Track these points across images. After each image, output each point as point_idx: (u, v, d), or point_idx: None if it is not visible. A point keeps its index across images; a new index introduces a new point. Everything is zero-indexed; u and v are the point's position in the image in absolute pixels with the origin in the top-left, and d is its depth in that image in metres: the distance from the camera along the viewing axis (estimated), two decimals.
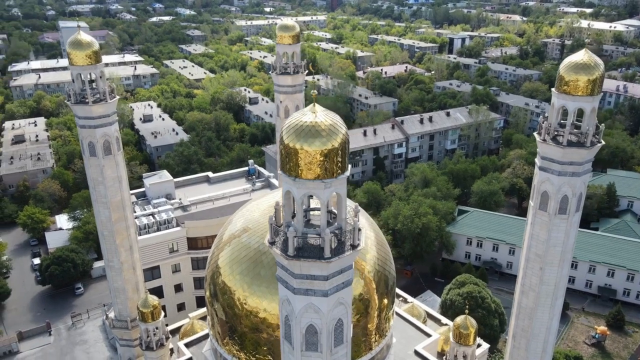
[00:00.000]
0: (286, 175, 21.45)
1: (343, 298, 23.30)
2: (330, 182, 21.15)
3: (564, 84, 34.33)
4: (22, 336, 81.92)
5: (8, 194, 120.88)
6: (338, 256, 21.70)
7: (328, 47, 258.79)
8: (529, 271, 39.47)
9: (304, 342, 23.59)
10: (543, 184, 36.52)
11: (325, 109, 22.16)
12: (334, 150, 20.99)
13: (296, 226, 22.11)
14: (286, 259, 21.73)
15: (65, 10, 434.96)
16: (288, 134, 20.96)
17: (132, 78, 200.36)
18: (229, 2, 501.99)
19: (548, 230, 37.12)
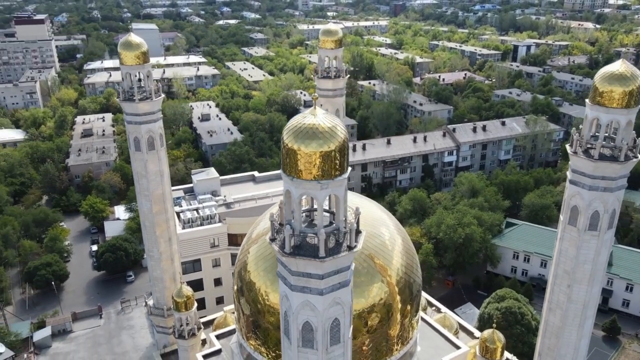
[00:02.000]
0: (285, 174, 22.24)
1: (340, 298, 23.74)
2: (326, 183, 21.71)
3: (597, 95, 33.04)
4: (76, 317, 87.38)
5: (74, 184, 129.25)
6: (333, 256, 22.20)
7: (387, 52, 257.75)
8: (556, 288, 38.11)
9: (300, 339, 24.25)
10: (573, 198, 35.23)
11: (327, 112, 22.73)
12: (332, 152, 21.54)
13: (294, 225, 22.82)
14: (283, 256, 22.50)
15: (140, 13, 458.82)
16: (288, 135, 21.74)
17: (195, 78, 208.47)
18: (294, 6, 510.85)
19: (577, 246, 35.73)
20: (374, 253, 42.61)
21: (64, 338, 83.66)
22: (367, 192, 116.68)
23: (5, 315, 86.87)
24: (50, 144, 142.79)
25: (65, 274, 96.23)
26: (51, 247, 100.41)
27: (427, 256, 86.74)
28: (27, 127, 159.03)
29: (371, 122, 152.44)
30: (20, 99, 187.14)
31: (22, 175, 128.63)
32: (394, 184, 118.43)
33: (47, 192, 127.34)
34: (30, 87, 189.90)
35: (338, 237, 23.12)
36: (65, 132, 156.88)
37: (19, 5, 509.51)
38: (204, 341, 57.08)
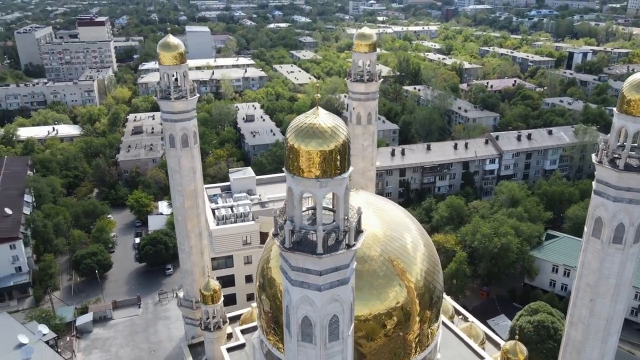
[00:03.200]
0: (287, 172, 23.00)
1: (339, 295, 24.23)
2: (325, 182, 22.30)
3: (625, 103, 32.05)
4: (116, 305, 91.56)
5: (123, 179, 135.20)
6: (330, 253, 22.75)
7: (435, 57, 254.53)
8: (578, 302, 36.99)
9: (300, 333, 24.91)
10: (597, 209, 34.19)
11: (329, 112, 23.31)
12: (332, 151, 22.12)
13: (295, 221, 23.53)
14: (283, 251, 23.26)
15: (195, 16, 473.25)
16: (290, 133, 22.50)
17: (242, 80, 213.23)
18: (344, 11, 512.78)
19: (600, 259, 34.61)
20: (394, 256, 42.71)
21: (104, 324, 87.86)
22: (404, 198, 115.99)
23: (53, 299, 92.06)
24: (103, 140, 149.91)
25: (109, 263, 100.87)
26: (98, 237, 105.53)
27: (460, 264, 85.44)
28: (84, 123, 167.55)
29: (413, 128, 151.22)
30: (79, 96, 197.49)
31: (76, 168, 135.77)
32: (432, 190, 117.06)
33: (97, 186, 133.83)
34: (89, 86, 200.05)
35: (338, 235, 23.64)
36: (117, 129, 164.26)
37: (84, 8, 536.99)
38: (230, 335, 58.67)
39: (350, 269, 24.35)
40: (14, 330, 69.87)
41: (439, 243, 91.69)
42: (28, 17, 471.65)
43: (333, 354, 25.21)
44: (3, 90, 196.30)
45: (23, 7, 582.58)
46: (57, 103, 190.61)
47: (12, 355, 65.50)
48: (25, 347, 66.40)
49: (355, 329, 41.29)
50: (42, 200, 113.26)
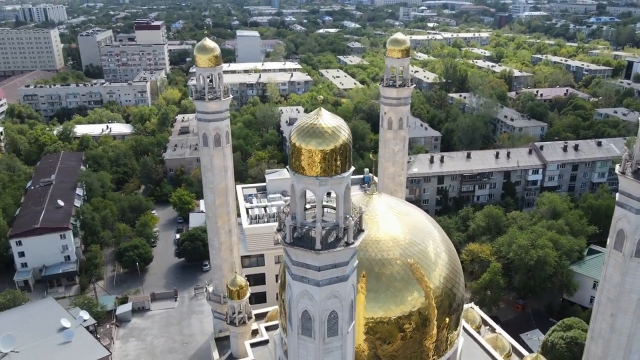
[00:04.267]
0: (290, 169, 23.93)
1: (338, 292, 24.88)
2: (325, 180, 23.07)
3: None
4: (154, 297, 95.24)
5: (168, 177, 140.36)
6: (327, 249, 23.47)
7: (484, 65, 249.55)
8: (599, 316, 35.96)
9: (300, 326, 25.72)
10: (619, 222, 33.25)
11: (333, 114, 24.07)
12: (332, 151, 22.87)
13: (297, 217, 24.41)
14: (284, 245, 24.19)
15: (247, 21, 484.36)
16: (293, 133, 23.43)
17: (288, 84, 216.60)
18: (394, 17, 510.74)
19: (622, 273, 33.58)
20: (414, 261, 42.81)
21: (142, 315, 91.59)
22: (442, 205, 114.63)
23: (96, 288, 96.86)
24: (152, 139, 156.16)
25: (150, 257, 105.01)
26: (141, 231, 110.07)
27: (494, 275, 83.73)
28: (135, 122, 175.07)
29: (456, 135, 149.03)
30: (132, 96, 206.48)
31: (125, 165, 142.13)
32: (471, 199, 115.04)
33: (144, 182, 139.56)
34: (142, 87, 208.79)
35: (338, 233, 24.33)
36: (166, 129, 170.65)
37: (144, 13, 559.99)
38: (255, 331, 60.17)
39: (350, 266, 24.95)
40: (58, 315, 74.06)
41: (474, 252, 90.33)
42: (92, 21, 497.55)
43: (332, 349, 25.85)
44: (64, 89, 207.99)
45: (88, 12, 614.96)
46: (112, 103, 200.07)
47: (55, 337, 69.53)
48: (66, 330, 70.30)
49: (372, 331, 41.85)
50: (92, 194, 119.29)
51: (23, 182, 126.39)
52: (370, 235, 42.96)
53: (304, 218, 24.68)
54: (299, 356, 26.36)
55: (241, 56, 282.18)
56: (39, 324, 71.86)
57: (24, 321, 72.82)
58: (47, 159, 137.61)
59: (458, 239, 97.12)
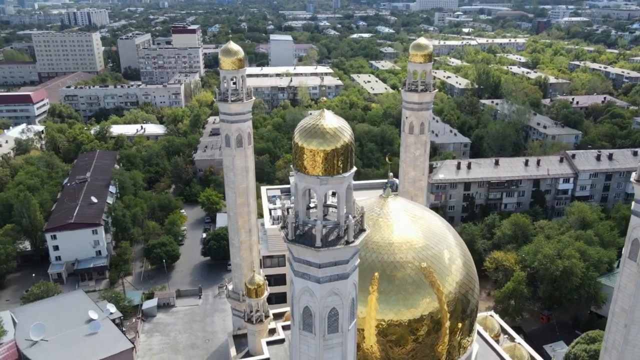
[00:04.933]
0: (293, 168, 24.66)
1: (338, 289, 25.41)
2: (326, 179, 23.69)
3: None
4: (179, 294, 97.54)
5: (197, 177, 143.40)
6: (327, 247, 24.06)
7: (519, 71, 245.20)
8: (613, 327, 35.27)
9: (301, 322, 26.37)
10: (634, 230, 32.67)
11: (336, 115, 24.68)
12: (333, 151, 23.48)
13: (300, 215, 25.11)
14: (286, 242, 24.93)
15: (282, 25, 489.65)
16: (297, 133, 24.17)
17: (318, 88, 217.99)
18: (429, 22, 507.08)
19: (636, 283, 32.93)
20: (426, 265, 42.88)
21: (167, 311, 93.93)
22: (468, 212, 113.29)
23: (125, 283, 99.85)
24: (183, 140, 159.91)
25: (177, 255, 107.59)
26: (169, 229, 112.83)
27: (518, 284, 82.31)
28: (168, 123, 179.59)
29: (486, 142, 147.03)
30: (167, 98, 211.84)
31: (157, 165, 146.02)
32: (498, 206, 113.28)
33: (174, 182, 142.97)
34: (176, 89, 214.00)
35: (340, 231, 24.90)
36: (197, 130, 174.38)
37: (182, 17, 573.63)
38: (273, 330, 61.06)
39: (350, 265, 25.45)
40: (87, 307, 76.79)
41: (498, 261, 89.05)
42: (132, 24, 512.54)
43: (332, 345, 26.37)
44: (102, 90, 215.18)
45: (129, 16, 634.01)
46: (147, 104, 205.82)
47: (82, 328, 72.18)
48: (93, 322, 72.87)
49: (384, 333, 42.12)
50: (124, 192, 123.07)
51: (61, 178, 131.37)
52: (384, 237, 43.36)
53: (306, 216, 25.35)
54: (300, 351, 27.00)
55: (274, 60, 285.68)
56: (68, 315, 74.69)
57: (54, 312, 75.85)
58: (83, 157, 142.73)
59: (483, 246, 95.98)
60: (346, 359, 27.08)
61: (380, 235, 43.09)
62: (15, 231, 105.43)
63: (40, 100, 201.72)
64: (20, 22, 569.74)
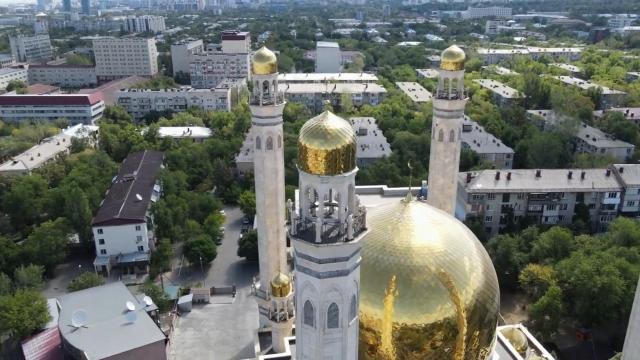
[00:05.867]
0: (298, 167, 25.83)
1: (338, 285, 26.31)
2: (326, 178, 24.72)
3: None
4: (214, 291, 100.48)
5: (238, 179, 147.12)
6: (327, 243, 25.04)
7: (571, 81, 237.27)
8: (631, 341, 34.33)
9: (303, 315, 27.43)
10: None
11: (340, 117, 25.69)
12: (333, 151, 24.49)
13: (303, 212, 26.23)
14: (289, 237, 26.09)
15: (330, 33, 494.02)
16: (301, 133, 25.34)
17: (362, 95, 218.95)
18: (480, 30, 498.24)
19: None
20: (444, 271, 42.96)
21: (201, 307, 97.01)
22: (507, 224, 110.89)
23: (163, 279, 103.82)
24: (227, 142, 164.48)
25: (214, 253, 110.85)
26: (208, 229, 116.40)
27: (553, 299, 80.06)
28: (213, 127, 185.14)
29: (529, 153, 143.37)
30: (214, 102, 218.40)
31: (200, 166, 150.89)
32: (538, 219, 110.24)
33: (216, 183, 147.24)
34: (223, 93, 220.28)
35: (340, 229, 25.84)
36: (241, 134, 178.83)
37: (234, 24, 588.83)
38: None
39: (351, 262, 26.29)
40: (125, 298, 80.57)
41: (533, 274, 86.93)
42: (187, 31, 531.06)
43: (332, 339, 27.24)
44: (153, 93, 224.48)
45: (184, 22, 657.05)
46: (195, 107, 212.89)
47: (120, 318, 75.81)
48: (130, 313, 76.39)
49: (400, 337, 42.47)
50: (167, 191, 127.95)
51: (110, 176, 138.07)
52: (402, 241, 43.75)
53: (310, 214, 26.43)
54: (302, 343, 28.03)
55: (320, 67, 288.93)
56: (107, 305, 78.66)
57: (95, 301, 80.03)
58: (132, 157, 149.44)
59: (519, 259, 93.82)
60: (346, 354, 27.87)
61: (399, 239, 43.53)
62: (66, 224, 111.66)
63: (96, 101, 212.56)
64: (83, 28, 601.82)
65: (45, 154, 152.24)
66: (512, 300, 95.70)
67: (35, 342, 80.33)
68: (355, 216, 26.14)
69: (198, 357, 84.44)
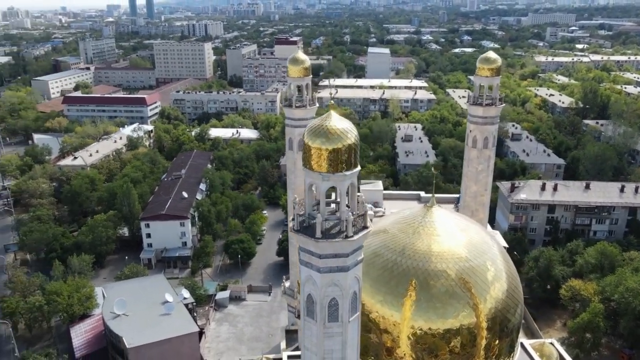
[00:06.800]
0: (302, 165, 26.84)
1: (338, 281, 27.05)
2: (327, 176, 25.56)
3: None
4: (251, 289, 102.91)
5: (281, 181, 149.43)
6: (326, 239, 25.87)
7: (634, 91, 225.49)
8: None
9: (305, 308, 28.36)
10: None
11: (343, 117, 26.49)
12: (334, 150, 25.31)
13: (306, 208, 27.19)
14: (292, 232, 27.13)
15: (384, 39, 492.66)
16: (305, 132, 26.35)
17: (411, 101, 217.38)
18: (540, 37, 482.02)
19: None
20: (466, 277, 42.66)
21: (238, 303, 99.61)
22: (551, 236, 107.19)
23: (203, 274, 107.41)
24: (273, 145, 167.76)
25: (253, 252, 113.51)
26: (249, 228, 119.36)
27: (595, 317, 76.79)
28: (262, 129, 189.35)
29: (582, 165, 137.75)
30: (263, 105, 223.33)
31: (246, 167, 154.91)
32: (586, 233, 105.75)
33: (260, 184, 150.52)
34: (273, 97, 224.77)
35: (341, 226, 26.60)
36: None
37: (290, 29, 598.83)
38: None
39: (351, 259, 26.96)
40: (164, 290, 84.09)
41: (575, 289, 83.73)
42: (243, 36, 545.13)
43: (332, 334, 27.98)
44: (206, 96, 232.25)
45: (242, 28, 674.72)
46: (245, 110, 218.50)
47: (158, 308, 79.25)
48: (168, 304, 79.70)
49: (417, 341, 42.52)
50: (213, 190, 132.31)
51: (160, 174, 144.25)
52: (422, 245, 43.74)
53: (312, 210, 27.35)
54: (305, 336, 28.94)
55: (370, 72, 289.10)
56: (147, 295, 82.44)
57: (137, 291, 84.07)
58: (181, 156, 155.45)
59: (561, 273, 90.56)
60: (346, 349, 28.51)
61: (419, 243, 43.58)
62: (116, 217, 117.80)
63: (153, 102, 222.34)
64: (147, 32, 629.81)
65: (103, 151, 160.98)
66: (553, 315, 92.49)
67: (81, 326, 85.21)
68: (357, 214, 26.83)
69: (231, 351, 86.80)
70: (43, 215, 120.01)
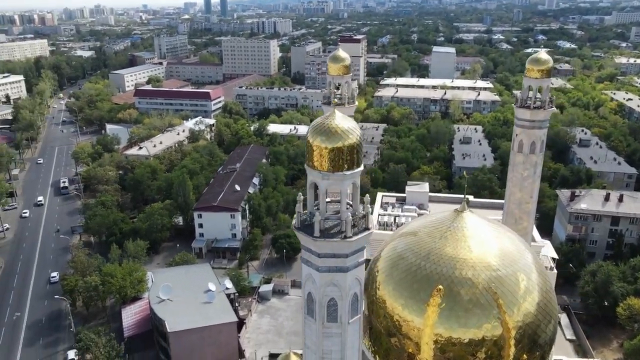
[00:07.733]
0: (305, 163, 26.76)
1: (337, 281, 26.77)
2: (327, 175, 25.31)
3: None
4: (294, 284, 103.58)
5: None
6: (325, 238, 25.67)
7: None
8: None
9: (306, 306, 28.33)
10: None
11: (347, 117, 26.08)
12: (335, 149, 25.01)
13: (308, 207, 27.09)
14: (293, 229, 27.16)
15: (452, 38, 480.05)
16: (309, 130, 26.23)
17: (473, 102, 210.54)
18: (623, 37, 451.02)
19: None
20: (493, 287, 40.89)
21: (280, 297, 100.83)
22: (614, 250, 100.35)
23: (249, 266, 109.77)
24: None
25: (299, 248, 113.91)
26: None
27: None
28: None
29: None
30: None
31: (301, 163, 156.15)
32: None
33: None
34: None
35: (341, 226, 26.30)
36: None
37: (357, 27, 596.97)
38: None
39: (351, 260, 26.58)
40: (208, 279, 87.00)
41: (634, 309, 78.08)
42: (311, 33, 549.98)
43: (331, 334, 27.76)
44: (267, 92, 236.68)
45: (310, 25, 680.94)
46: (304, 106, 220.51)
47: (200, 296, 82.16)
48: (210, 292, 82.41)
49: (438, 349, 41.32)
50: (265, 185, 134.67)
51: (217, 166, 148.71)
52: (448, 251, 42.28)
53: (313, 208, 27.21)
54: (306, 334, 28.92)
55: (434, 72, 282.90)
56: (192, 282, 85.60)
57: (183, 277, 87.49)
58: (238, 149, 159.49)
59: (620, 290, 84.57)
60: (345, 351, 28.18)
61: (446, 248, 42.21)
62: (172, 206, 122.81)
63: (217, 97, 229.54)
64: (219, 29, 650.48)
65: (166, 142, 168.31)
66: (609, 335, 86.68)
67: (132, 308, 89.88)
68: (358, 215, 26.43)
69: (270, 343, 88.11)
70: (107, 200, 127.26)
